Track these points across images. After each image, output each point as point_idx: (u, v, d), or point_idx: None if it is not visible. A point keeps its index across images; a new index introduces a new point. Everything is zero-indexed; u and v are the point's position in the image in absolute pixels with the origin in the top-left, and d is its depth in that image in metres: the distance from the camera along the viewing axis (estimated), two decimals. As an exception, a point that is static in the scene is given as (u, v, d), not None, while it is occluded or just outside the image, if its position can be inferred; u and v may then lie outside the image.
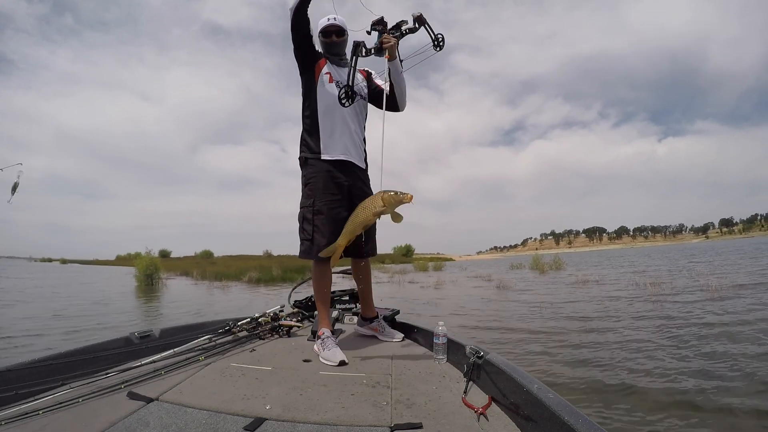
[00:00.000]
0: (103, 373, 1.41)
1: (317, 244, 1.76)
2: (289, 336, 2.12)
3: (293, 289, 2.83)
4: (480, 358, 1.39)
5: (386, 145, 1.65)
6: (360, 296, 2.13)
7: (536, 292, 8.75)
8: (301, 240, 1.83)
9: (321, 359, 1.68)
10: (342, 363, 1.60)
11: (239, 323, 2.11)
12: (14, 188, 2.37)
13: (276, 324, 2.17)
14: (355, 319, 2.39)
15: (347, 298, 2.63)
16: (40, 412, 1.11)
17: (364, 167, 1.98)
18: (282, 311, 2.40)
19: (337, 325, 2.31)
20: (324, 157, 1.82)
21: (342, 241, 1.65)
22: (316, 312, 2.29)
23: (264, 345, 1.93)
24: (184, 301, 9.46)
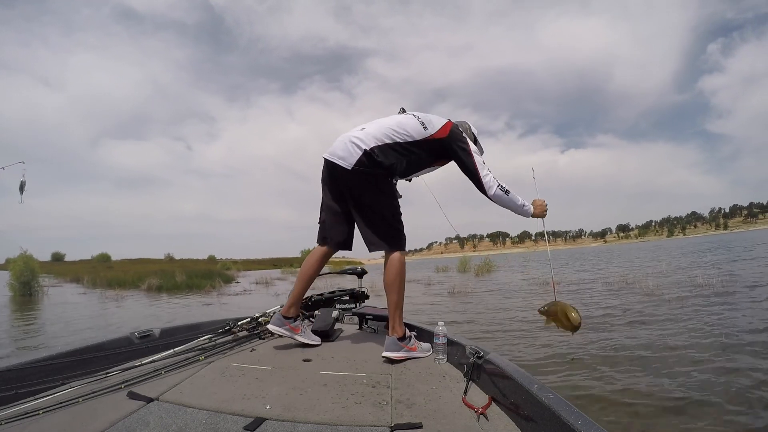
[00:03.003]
0: (103, 372, 1.41)
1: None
2: None
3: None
4: (480, 358, 1.39)
5: (295, 149, 1.52)
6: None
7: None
8: (402, 232, 1.89)
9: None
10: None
11: (239, 323, 2.11)
12: (22, 188, 2.36)
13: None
14: (356, 318, 2.39)
15: (347, 298, 2.62)
16: (40, 412, 1.11)
17: None
18: (282, 311, 2.40)
19: (337, 325, 2.31)
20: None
21: None
22: (317, 312, 2.29)
23: (264, 344, 1.93)
24: (52, 324, 6.70)
